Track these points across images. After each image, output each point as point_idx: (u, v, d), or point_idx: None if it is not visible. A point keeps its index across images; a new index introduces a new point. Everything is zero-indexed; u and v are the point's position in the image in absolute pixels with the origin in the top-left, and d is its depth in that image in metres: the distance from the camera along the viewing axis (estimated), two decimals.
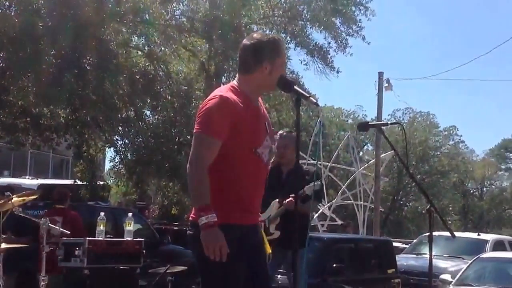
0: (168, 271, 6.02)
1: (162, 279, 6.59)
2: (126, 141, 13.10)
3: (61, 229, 5.09)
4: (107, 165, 21.97)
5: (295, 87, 2.93)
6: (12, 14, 10.59)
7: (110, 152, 15.69)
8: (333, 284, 7.31)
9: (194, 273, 8.05)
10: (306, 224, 4.31)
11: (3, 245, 4.31)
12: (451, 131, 40.61)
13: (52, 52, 10.43)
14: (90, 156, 12.75)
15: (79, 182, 13.46)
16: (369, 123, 3.33)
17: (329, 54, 17.21)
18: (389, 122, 3.26)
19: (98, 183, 13.35)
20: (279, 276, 5.64)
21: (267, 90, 3.10)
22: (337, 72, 17.62)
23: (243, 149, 2.89)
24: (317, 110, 27.67)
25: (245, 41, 3.03)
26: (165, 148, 12.77)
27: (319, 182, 4.33)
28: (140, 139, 13.08)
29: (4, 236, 4.47)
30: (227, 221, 2.86)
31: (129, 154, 13.43)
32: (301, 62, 17.86)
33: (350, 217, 28.28)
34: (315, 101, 2.95)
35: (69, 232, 5.05)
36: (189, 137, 14.70)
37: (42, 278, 4.48)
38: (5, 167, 22.98)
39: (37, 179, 16.75)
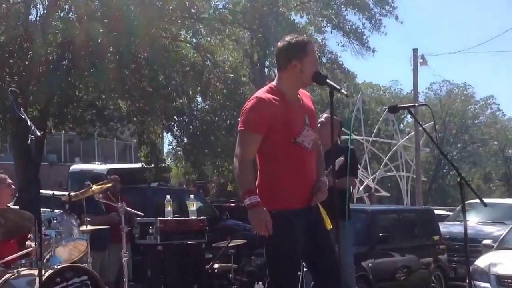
0: (229, 244, 6.34)
1: (225, 251, 6.96)
2: (181, 126, 13.50)
3: (136, 211, 5.45)
4: (165, 148, 22.59)
5: (328, 81, 3.10)
6: (71, 17, 11.10)
7: (168, 137, 16.23)
8: (380, 251, 7.50)
9: (252, 245, 8.44)
10: (343, 198, 4.30)
11: (89, 227, 4.68)
12: (489, 101, 39.46)
13: (111, 49, 10.84)
14: (151, 142, 13.28)
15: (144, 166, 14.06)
16: (399, 105, 3.40)
17: (364, 34, 17.13)
18: (416, 104, 3.37)
19: (161, 165, 13.86)
20: None
21: (303, 86, 3.26)
22: (373, 51, 17.53)
23: (283, 140, 3.11)
24: (358, 87, 27.46)
25: (278, 43, 3.30)
26: (216, 131, 13.12)
27: (341, 158, 4.42)
28: (194, 124, 13.48)
29: (88, 219, 4.84)
30: (276, 207, 3.10)
31: (185, 138, 13.84)
32: (338, 44, 17.85)
33: (394, 188, 28.11)
34: (345, 93, 3.15)
35: (142, 214, 5.40)
36: (239, 118, 15.01)
37: (124, 254, 4.85)
38: (77, 155, 24.01)
39: (106, 164, 17.50)
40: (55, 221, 4.32)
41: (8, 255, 4.38)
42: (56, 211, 4.45)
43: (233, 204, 13.92)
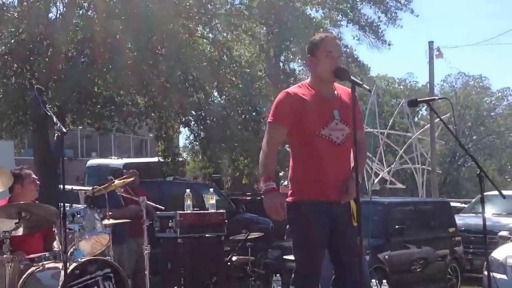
0: (248, 237, 6.40)
1: (243, 244, 7.02)
2: (198, 121, 13.58)
3: (157, 205, 5.52)
4: (181, 142, 22.76)
5: (352, 77, 3.13)
6: (91, 15, 11.19)
7: (185, 132, 16.34)
8: (396, 243, 7.50)
9: (268, 238, 8.44)
10: None
11: (111, 221, 4.76)
12: (505, 92, 38.93)
13: (129, 46, 10.93)
14: (169, 137, 13.38)
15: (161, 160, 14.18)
16: (418, 99, 3.39)
17: (380, 28, 17.03)
18: (436, 98, 3.35)
19: (177, 159, 13.98)
20: None
21: (325, 81, 3.28)
22: (389, 45, 17.44)
23: (308, 133, 3.20)
24: (372, 81, 27.33)
25: None
26: (232, 126, 13.18)
27: None
28: (210, 118, 13.56)
29: (110, 213, 4.91)
30: (300, 197, 3.21)
31: (201, 132, 13.93)
32: (354, 37, 17.80)
33: (409, 180, 27.97)
34: (367, 88, 3.18)
35: (163, 208, 5.47)
36: (254, 113, 15.08)
37: (145, 247, 4.92)
38: (93, 150, 24.27)
39: (122, 158, 17.66)
40: (78, 216, 4.41)
41: (32, 249, 4.47)
42: (80, 205, 4.52)
43: (249, 198, 13.98)
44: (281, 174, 17.95)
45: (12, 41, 10.40)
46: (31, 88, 11.45)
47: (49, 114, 3.70)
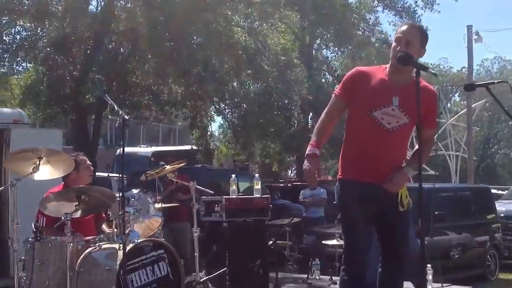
0: (291, 222, 6.55)
1: (281, 230, 7.17)
2: (233, 109, 13.72)
3: (206, 189, 5.68)
4: (213, 130, 22.95)
5: (415, 61, 3.10)
6: (131, 6, 11.40)
7: (218, 120, 16.53)
8: (435, 230, 7.50)
9: (304, 223, 8.56)
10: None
11: (163, 204, 4.94)
12: None
13: (166, 35, 11.10)
14: (203, 125, 13.58)
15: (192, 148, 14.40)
16: (476, 83, 3.34)
17: (417, 13, 16.78)
18: (495, 82, 3.24)
19: (212, 147, 14.17)
20: None
21: (392, 67, 3.28)
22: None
23: (360, 112, 3.24)
24: None
25: None
26: (268, 114, 13.28)
27: None
28: (245, 106, 13.69)
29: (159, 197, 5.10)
30: (344, 176, 3.29)
31: (235, 120, 14.08)
32: (390, 23, 17.59)
33: (440, 166, 27.58)
34: (433, 72, 3.18)
35: (212, 192, 5.63)
36: (286, 101, 15.15)
37: (195, 230, 5.09)
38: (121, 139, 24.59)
39: (151, 147, 17.96)
40: (133, 199, 4.59)
41: (87, 230, 4.68)
42: (134, 190, 4.70)
43: (282, 185, 14.13)
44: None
45: (57, 34, 10.67)
46: (71, 79, 11.78)
47: (109, 102, 3.85)
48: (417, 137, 3.46)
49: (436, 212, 7.52)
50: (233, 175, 5.77)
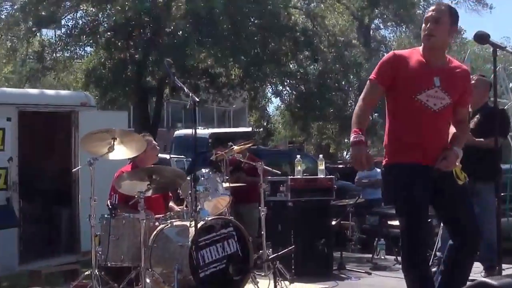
0: (357, 201, 6.55)
1: (344, 210, 7.17)
2: (291, 90, 13.70)
3: (274, 170, 5.75)
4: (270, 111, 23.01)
5: (491, 39, 3.08)
6: None
7: (275, 102, 16.58)
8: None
9: (366, 204, 8.51)
10: (491, 159, 3.97)
11: (231, 184, 5.03)
12: None
13: (225, 18, 11.16)
14: (262, 107, 13.64)
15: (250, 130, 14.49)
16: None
17: None
18: None
19: (270, 129, 14.24)
20: None
21: (424, 48, 3.26)
22: (490, 8, 16.43)
23: (404, 96, 3.20)
24: (465, 43, 26.07)
25: None
26: (326, 95, 13.17)
27: (477, 117, 4.43)
28: (303, 88, 13.63)
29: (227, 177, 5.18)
30: (392, 160, 3.27)
31: (293, 101, 14.05)
32: (452, 1, 16.99)
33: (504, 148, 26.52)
34: (511, 51, 3.14)
35: (279, 172, 5.68)
36: (343, 82, 14.96)
37: (262, 210, 5.17)
38: (178, 121, 25.16)
39: (208, 128, 18.21)
40: (202, 178, 4.69)
41: (156, 208, 4.83)
42: (203, 169, 4.80)
43: (341, 166, 14.03)
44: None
45: (119, 18, 10.93)
46: (132, 62, 12.08)
47: (179, 86, 3.93)
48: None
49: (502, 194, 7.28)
50: (298, 156, 5.78)
